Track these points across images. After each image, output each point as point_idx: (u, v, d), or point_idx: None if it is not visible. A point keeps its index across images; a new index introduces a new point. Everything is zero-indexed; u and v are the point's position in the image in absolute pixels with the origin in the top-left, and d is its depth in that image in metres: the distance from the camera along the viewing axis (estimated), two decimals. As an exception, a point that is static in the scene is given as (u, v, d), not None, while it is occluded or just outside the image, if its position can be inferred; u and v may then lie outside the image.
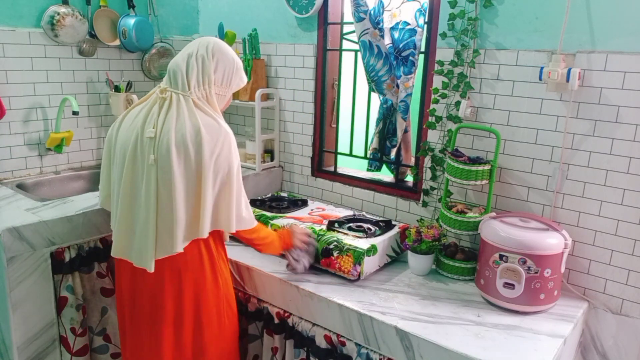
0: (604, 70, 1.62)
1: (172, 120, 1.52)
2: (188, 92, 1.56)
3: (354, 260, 1.75)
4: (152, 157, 1.50)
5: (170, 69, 1.60)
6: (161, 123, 1.53)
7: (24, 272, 1.79)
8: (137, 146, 1.54)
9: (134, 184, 1.56)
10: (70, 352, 1.94)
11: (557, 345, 1.45)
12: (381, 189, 2.28)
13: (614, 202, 1.67)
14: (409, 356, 1.50)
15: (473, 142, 1.94)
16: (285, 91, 2.55)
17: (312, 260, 1.83)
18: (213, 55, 1.59)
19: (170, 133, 1.50)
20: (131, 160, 1.56)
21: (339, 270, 1.78)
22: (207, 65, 1.58)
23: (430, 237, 1.82)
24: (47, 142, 2.42)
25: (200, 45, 1.60)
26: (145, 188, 1.52)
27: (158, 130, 1.52)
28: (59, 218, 1.87)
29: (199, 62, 1.57)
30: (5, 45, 2.25)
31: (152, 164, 1.50)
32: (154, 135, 1.51)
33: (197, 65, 1.57)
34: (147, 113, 1.57)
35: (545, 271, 1.58)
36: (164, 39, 2.81)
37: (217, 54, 1.60)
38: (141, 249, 1.54)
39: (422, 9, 2.06)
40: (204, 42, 1.61)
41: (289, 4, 2.39)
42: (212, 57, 1.59)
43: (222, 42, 1.65)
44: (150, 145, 1.51)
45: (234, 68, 1.64)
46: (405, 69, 2.13)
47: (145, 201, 1.52)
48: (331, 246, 1.81)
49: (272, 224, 2.00)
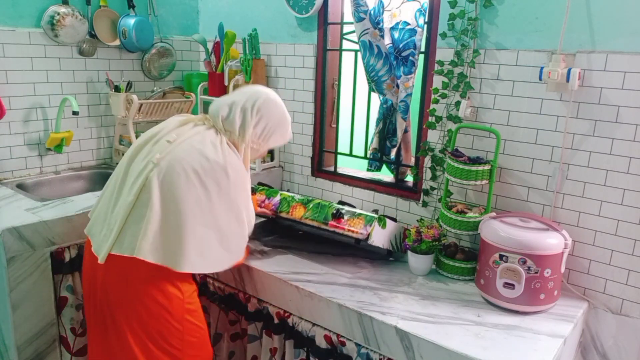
0: (604, 70, 1.62)
1: (196, 140, 1.54)
2: (224, 132, 1.60)
3: (365, 222, 1.78)
4: (157, 156, 1.50)
5: (212, 109, 1.62)
6: (185, 136, 1.54)
7: (24, 272, 1.79)
8: (150, 141, 1.56)
9: (128, 171, 1.56)
10: (70, 352, 1.94)
11: (557, 345, 1.45)
12: (381, 189, 2.28)
13: (614, 202, 1.67)
14: (409, 356, 1.50)
15: (473, 142, 1.94)
16: (285, 91, 2.55)
17: None
18: (258, 111, 1.61)
19: (189, 150, 1.51)
20: (137, 150, 1.58)
21: (348, 230, 1.79)
22: (247, 119, 1.60)
23: (430, 237, 1.82)
24: (47, 142, 2.42)
25: (250, 97, 1.63)
26: (134, 179, 1.51)
27: (179, 139, 1.54)
28: (59, 218, 1.87)
29: (241, 115, 1.60)
30: (5, 45, 2.25)
31: (155, 162, 1.50)
32: (173, 140, 1.53)
33: (239, 116, 1.60)
34: (177, 125, 1.61)
35: (545, 271, 1.58)
36: (164, 39, 2.81)
37: (262, 110, 1.62)
38: (103, 235, 1.53)
39: (422, 9, 2.06)
40: (254, 96, 1.63)
41: (289, 4, 2.39)
42: (255, 113, 1.61)
43: (272, 98, 1.67)
44: (164, 147, 1.52)
45: (276, 127, 1.66)
46: (405, 69, 2.13)
47: (129, 190, 1.51)
48: (343, 211, 1.85)
49: (282, 193, 2.04)
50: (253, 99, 1.62)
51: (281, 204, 1.97)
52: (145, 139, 1.62)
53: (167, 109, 2.69)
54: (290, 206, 1.94)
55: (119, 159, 2.67)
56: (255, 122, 1.61)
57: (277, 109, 1.66)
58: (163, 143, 1.54)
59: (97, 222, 1.61)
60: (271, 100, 1.65)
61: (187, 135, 1.56)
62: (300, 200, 1.95)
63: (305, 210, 1.90)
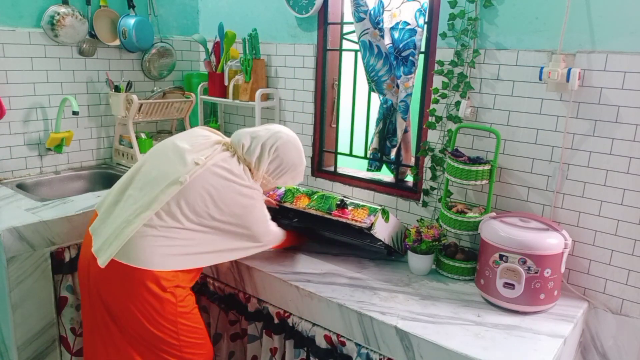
0: (604, 70, 1.62)
1: (223, 167, 1.62)
2: (243, 160, 1.69)
3: (369, 212, 1.79)
4: (186, 177, 1.55)
5: (235, 138, 1.72)
6: (213, 160, 1.61)
7: (24, 272, 1.79)
8: (178, 154, 1.62)
9: (149, 180, 1.59)
10: (70, 352, 1.94)
11: (557, 345, 1.45)
12: (381, 189, 2.28)
13: (614, 202, 1.67)
14: (409, 356, 1.50)
15: (473, 142, 1.94)
16: (285, 91, 2.55)
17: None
18: (275, 150, 1.70)
19: (216, 175, 1.59)
20: (161, 157, 1.63)
21: (352, 219, 1.80)
22: (264, 155, 1.69)
23: (430, 237, 1.82)
24: (47, 142, 2.42)
25: (272, 135, 1.72)
26: (157, 195, 1.55)
27: (208, 163, 1.60)
28: (59, 218, 1.87)
29: (260, 149, 1.69)
30: (5, 45, 2.25)
31: (182, 183, 1.54)
32: (202, 164, 1.58)
33: (258, 150, 1.69)
34: (207, 147, 1.66)
35: (545, 271, 1.58)
36: (164, 39, 2.81)
37: (279, 150, 1.71)
38: (107, 238, 1.55)
39: (422, 9, 2.06)
40: (276, 135, 1.72)
41: (289, 4, 2.39)
42: (273, 152, 1.70)
43: (292, 142, 1.76)
44: (192, 169, 1.57)
45: (288, 169, 1.75)
46: (405, 69, 2.13)
47: (148, 203, 1.54)
48: (347, 202, 1.87)
49: (287, 186, 2.05)
50: (275, 137, 1.71)
51: (285, 194, 1.99)
52: (172, 148, 1.67)
53: (167, 109, 2.69)
54: (295, 197, 1.96)
55: (119, 159, 2.68)
56: (271, 159, 1.70)
57: (293, 152, 1.75)
58: (192, 164, 1.59)
59: (103, 221, 1.62)
60: (291, 143, 1.75)
61: (215, 160, 1.62)
62: (305, 191, 1.98)
63: (310, 201, 1.91)
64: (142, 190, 1.59)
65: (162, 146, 1.71)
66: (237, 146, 1.70)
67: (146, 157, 1.70)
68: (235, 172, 1.63)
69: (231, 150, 1.69)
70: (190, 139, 1.70)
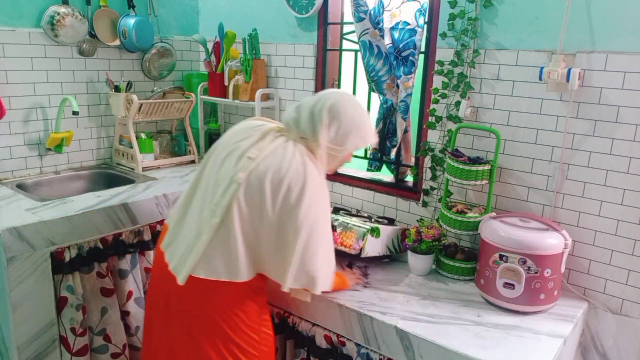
0: (604, 70, 1.62)
1: (278, 156, 1.47)
2: (300, 140, 1.52)
3: (357, 237, 1.77)
4: (241, 175, 1.44)
5: (284, 117, 1.57)
6: (266, 151, 1.48)
7: (24, 272, 1.79)
8: (232, 154, 1.50)
9: (209, 185, 1.50)
10: (70, 352, 1.94)
11: (557, 345, 1.45)
12: (381, 189, 2.28)
13: (614, 202, 1.67)
14: (409, 356, 1.50)
15: (473, 142, 1.94)
16: (285, 91, 2.55)
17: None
18: (328, 112, 1.51)
19: (271, 167, 1.44)
20: (218, 160, 1.52)
21: (341, 244, 1.79)
22: (317, 122, 1.50)
23: (430, 237, 1.82)
24: (47, 142, 2.42)
25: (319, 99, 1.54)
26: (218, 200, 1.45)
27: (261, 155, 1.47)
28: (59, 218, 1.87)
29: (310, 117, 1.51)
30: (5, 45, 2.25)
31: (239, 182, 1.44)
32: (254, 157, 1.46)
33: (307, 119, 1.51)
34: (258, 138, 1.52)
35: (545, 271, 1.58)
36: (164, 39, 2.80)
37: (333, 111, 1.51)
38: (182, 254, 1.48)
39: (422, 9, 2.06)
40: (323, 97, 1.54)
41: (289, 4, 2.39)
42: (326, 114, 1.50)
43: (345, 100, 1.55)
44: (247, 165, 1.45)
45: (352, 129, 1.53)
46: (405, 69, 2.13)
47: (212, 211, 1.45)
48: (335, 223, 1.84)
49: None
50: (323, 100, 1.52)
51: None
52: (226, 146, 1.55)
53: (167, 109, 2.69)
54: None
55: (119, 159, 2.68)
56: (326, 124, 1.50)
57: (351, 110, 1.53)
58: (245, 160, 1.47)
59: (174, 237, 1.56)
60: (344, 101, 1.54)
61: (268, 151, 1.48)
62: None
63: None
64: (205, 198, 1.50)
65: (218, 146, 1.59)
66: (289, 125, 1.54)
67: (205, 161, 1.60)
68: (291, 155, 1.47)
69: (285, 134, 1.54)
70: (242, 133, 1.56)
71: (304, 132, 1.52)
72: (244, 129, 1.59)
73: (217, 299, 1.48)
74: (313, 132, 1.50)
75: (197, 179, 1.59)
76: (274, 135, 1.53)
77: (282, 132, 1.56)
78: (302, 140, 1.52)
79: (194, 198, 1.56)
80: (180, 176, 2.50)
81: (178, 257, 1.50)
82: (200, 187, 1.56)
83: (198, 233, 1.47)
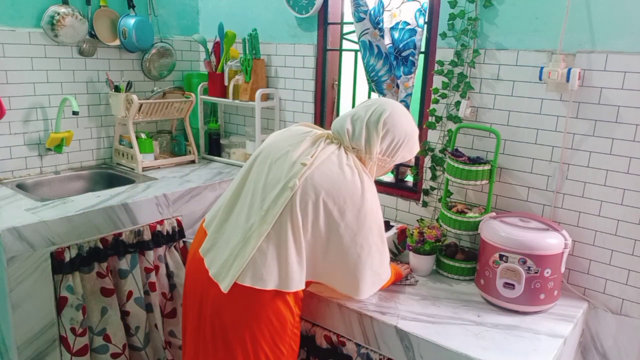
0: (604, 70, 1.62)
1: (333, 163, 1.45)
2: (351, 150, 1.52)
3: None
4: (295, 182, 1.41)
5: (336, 126, 1.55)
6: (320, 158, 1.46)
7: (24, 272, 1.79)
8: (282, 158, 1.48)
9: (258, 188, 1.48)
10: (70, 352, 1.94)
11: (557, 345, 1.45)
12: (381, 189, 2.28)
13: (614, 202, 1.67)
14: (409, 356, 1.50)
15: (473, 142, 1.94)
16: (285, 91, 2.56)
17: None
18: (384, 125, 1.50)
19: (327, 175, 1.43)
20: (262, 164, 1.51)
21: None
22: (372, 135, 1.49)
23: (433, 237, 1.82)
24: (47, 142, 2.42)
25: (375, 110, 1.52)
26: (270, 206, 1.43)
27: (316, 162, 1.45)
28: (59, 218, 1.87)
29: (366, 130, 1.50)
30: (5, 45, 2.25)
31: (293, 189, 1.41)
32: (309, 163, 1.44)
33: (364, 132, 1.50)
34: (310, 144, 1.51)
35: (545, 271, 1.58)
36: (164, 39, 2.80)
37: (388, 124, 1.50)
38: (225, 261, 1.45)
39: (422, 9, 2.06)
40: (379, 109, 1.52)
41: (289, 4, 2.39)
42: (382, 128, 1.50)
43: (399, 110, 1.54)
44: (300, 171, 1.43)
45: (403, 141, 1.53)
46: (405, 69, 2.13)
47: (262, 217, 1.43)
48: None
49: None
50: (378, 112, 1.51)
51: None
52: (275, 151, 1.53)
53: (167, 109, 2.69)
54: None
55: (119, 159, 2.68)
56: (381, 136, 1.50)
57: (404, 121, 1.54)
58: (299, 166, 1.44)
59: (215, 242, 1.53)
60: (397, 112, 1.53)
61: (322, 158, 1.46)
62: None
63: None
64: (252, 204, 1.47)
65: (262, 150, 1.57)
66: (341, 135, 1.53)
67: (250, 166, 1.56)
68: (346, 164, 1.47)
69: (336, 142, 1.53)
70: (292, 138, 1.54)
71: (357, 144, 1.51)
72: (293, 134, 1.56)
73: (257, 308, 1.44)
74: (369, 145, 1.50)
75: (241, 183, 1.55)
76: (326, 143, 1.51)
77: (332, 139, 1.54)
78: (353, 150, 1.52)
79: (238, 202, 1.53)
80: (180, 176, 2.50)
81: (220, 264, 1.46)
82: (245, 191, 1.52)
83: (245, 239, 1.44)
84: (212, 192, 2.33)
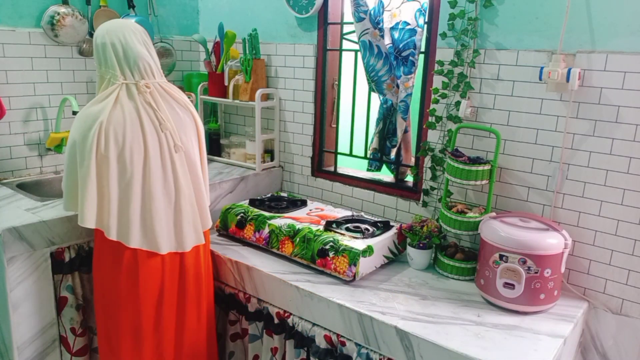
0: (604, 70, 1.62)
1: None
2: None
3: (349, 261, 1.74)
4: (179, 145, 1.70)
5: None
6: (165, 113, 1.71)
7: (24, 272, 1.79)
8: (157, 137, 1.69)
9: (163, 173, 1.70)
10: (70, 352, 1.94)
11: (557, 345, 1.45)
12: (381, 189, 2.28)
13: (614, 202, 1.67)
14: (409, 356, 1.50)
15: (473, 142, 1.94)
16: (285, 91, 2.56)
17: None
18: (94, 41, 1.70)
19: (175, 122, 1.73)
20: (155, 149, 1.69)
21: (335, 270, 1.78)
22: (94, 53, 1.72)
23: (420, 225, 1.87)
24: (47, 142, 2.42)
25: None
26: (175, 175, 1.71)
27: (172, 120, 1.71)
28: (59, 218, 1.87)
29: (95, 53, 1.70)
30: (5, 45, 2.25)
31: (179, 151, 1.71)
32: (171, 124, 1.70)
33: (95, 56, 1.71)
34: (135, 106, 1.67)
35: (545, 271, 1.58)
36: (164, 39, 2.80)
37: (96, 39, 1.70)
38: (191, 232, 1.77)
39: (422, 9, 2.06)
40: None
41: (289, 4, 2.39)
42: (94, 43, 1.71)
43: (101, 26, 1.72)
44: (170, 134, 1.70)
45: (99, 48, 1.68)
46: (405, 69, 2.13)
47: (181, 186, 1.72)
48: (327, 247, 1.80)
49: (270, 223, 2.00)
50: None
51: (270, 237, 1.98)
52: (132, 131, 1.73)
53: (167, 109, 2.68)
54: (279, 241, 1.95)
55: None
56: (95, 49, 1.69)
57: (97, 33, 1.70)
58: (167, 132, 1.75)
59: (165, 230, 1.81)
60: (99, 28, 1.71)
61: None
62: (287, 232, 1.93)
63: (294, 247, 1.90)
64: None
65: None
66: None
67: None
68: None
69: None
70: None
71: (98, 67, 1.73)
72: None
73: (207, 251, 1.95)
74: (97, 60, 1.72)
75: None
76: (144, 98, 1.72)
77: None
78: (102, 78, 1.73)
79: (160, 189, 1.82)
80: (180, 176, 2.50)
81: (190, 236, 1.85)
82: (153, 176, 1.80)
83: (190, 206, 1.82)
84: (212, 192, 2.33)
